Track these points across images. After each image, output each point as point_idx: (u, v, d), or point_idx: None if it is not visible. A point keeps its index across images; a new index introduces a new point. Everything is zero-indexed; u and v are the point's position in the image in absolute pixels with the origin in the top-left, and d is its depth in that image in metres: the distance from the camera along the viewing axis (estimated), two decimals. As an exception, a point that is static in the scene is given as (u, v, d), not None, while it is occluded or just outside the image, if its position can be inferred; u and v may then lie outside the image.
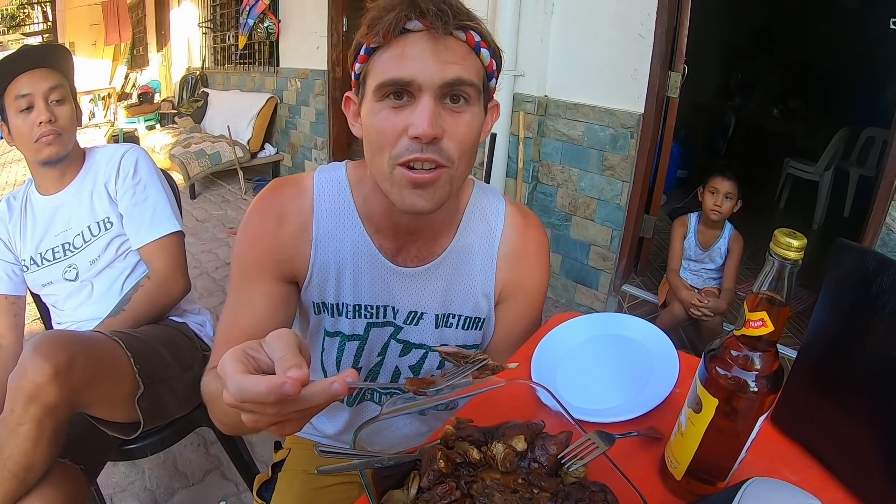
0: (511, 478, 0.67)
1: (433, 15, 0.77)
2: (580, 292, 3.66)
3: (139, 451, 1.52)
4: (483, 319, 1.09)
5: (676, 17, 2.97)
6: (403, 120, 0.80)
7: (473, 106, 0.84)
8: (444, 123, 0.80)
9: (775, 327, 0.60)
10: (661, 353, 0.97)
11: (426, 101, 0.79)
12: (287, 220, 0.97)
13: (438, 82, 0.79)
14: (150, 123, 8.34)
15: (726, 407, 0.64)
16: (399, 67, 0.78)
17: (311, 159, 6.02)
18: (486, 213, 1.05)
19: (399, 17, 0.77)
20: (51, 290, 1.64)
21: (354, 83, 0.88)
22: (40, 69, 1.52)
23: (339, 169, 1.02)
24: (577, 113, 3.36)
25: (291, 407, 0.54)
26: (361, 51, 0.83)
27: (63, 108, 1.56)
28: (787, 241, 0.57)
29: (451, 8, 0.78)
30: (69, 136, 1.59)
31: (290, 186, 1.00)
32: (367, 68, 0.83)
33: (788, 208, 5.39)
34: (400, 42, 0.79)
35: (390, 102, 0.81)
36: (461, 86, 0.80)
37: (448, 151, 0.82)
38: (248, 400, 0.52)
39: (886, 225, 2.41)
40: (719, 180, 2.77)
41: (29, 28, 10.63)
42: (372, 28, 0.79)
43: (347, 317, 1.02)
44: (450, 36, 0.79)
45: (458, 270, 1.04)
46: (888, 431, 0.67)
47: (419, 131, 0.78)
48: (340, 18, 5.23)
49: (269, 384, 0.51)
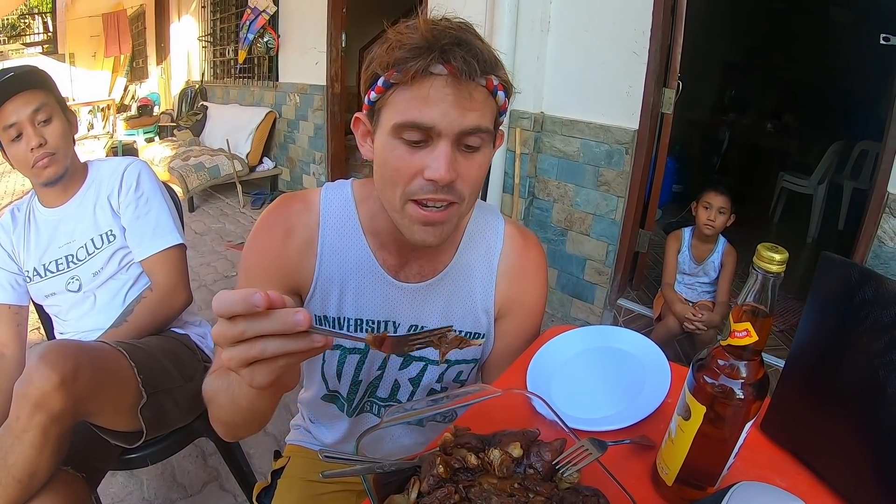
0: (508, 483, 0.69)
1: (461, 65, 0.77)
2: (576, 306, 3.68)
3: (140, 461, 1.54)
4: (482, 335, 1.11)
5: (670, 35, 3.00)
6: (419, 161, 0.81)
7: (486, 147, 0.86)
8: (458, 167, 0.82)
9: (759, 337, 0.63)
10: (653, 364, 1.00)
11: (444, 147, 0.80)
12: (294, 233, 1.00)
13: (458, 129, 0.80)
14: (149, 136, 8.34)
15: (714, 414, 0.67)
16: (420, 111, 0.79)
17: (309, 173, 6.05)
18: (485, 231, 1.08)
19: (427, 64, 0.77)
20: (54, 300, 1.65)
21: (367, 107, 0.88)
22: (21, 94, 1.50)
23: (345, 187, 1.05)
24: (573, 129, 3.39)
25: (257, 326, 0.56)
26: (379, 82, 0.82)
27: (52, 126, 1.55)
28: (769, 256, 0.60)
29: (478, 59, 0.78)
30: (64, 153, 1.58)
31: (298, 202, 1.03)
32: (385, 101, 0.83)
33: (783, 222, 5.41)
34: (422, 84, 0.79)
35: (407, 141, 0.81)
36: (478, 133, 0.82)
37: (460, 191, 0.84)
38: (222, 309, 0.55)
39: (878, 237, 2.44)
40: (712, 195, 2.81)
41: (29, 38, 10.66)
42: (395, 66, 0.79)
43: (349, 331, 1.04)
44: (472, 82, 0.79)
45: (459, 287, 1.06)
46: (873, 437, 0.69)
47: (436, 176, 0.80)
48: (339, 34, 5.26)
49: (243, 293, 0.55)
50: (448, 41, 0.77)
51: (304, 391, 1.24)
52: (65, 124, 1.60)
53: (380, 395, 1.14)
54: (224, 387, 0.79)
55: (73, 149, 1.64)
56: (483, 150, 0.85)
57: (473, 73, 0.78)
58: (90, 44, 9.88)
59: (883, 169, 2.42)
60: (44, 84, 1.56)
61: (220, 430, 0.88)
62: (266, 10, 5.98)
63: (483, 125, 0.82)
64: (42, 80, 1.56)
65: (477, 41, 0.81)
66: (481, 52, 0.80)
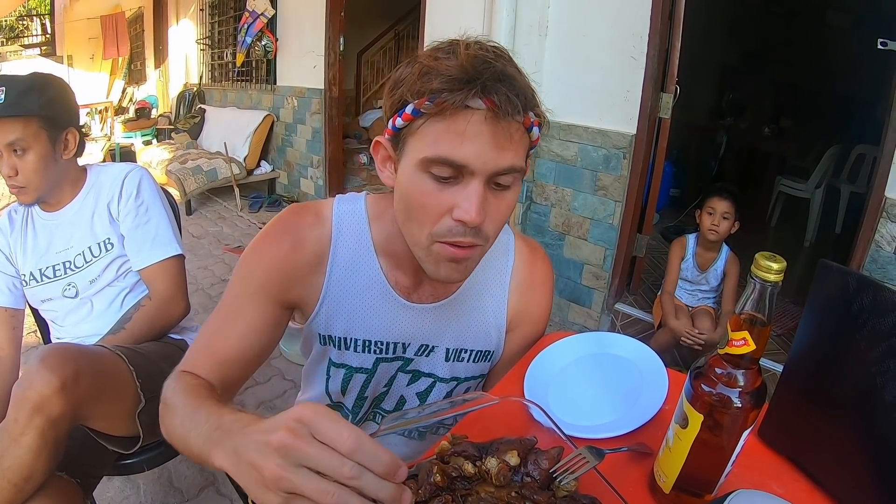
0: (505, 491, 0.69)
1: (503, 102, 0.72)
2: (574, 311, 3.68)
3: (136, 466, 1.53)
4: (492, 352, 1.10)
5: (668, 40, 3.02)
6: (449, 199, 0.77)
7: (516, 184, 0.81)
8: (488, 207, 0.78)
9: (757, 346, 0.63)
10: (650, 371, 0.99)
11: (476, 187, 0.76)
12: (303, 247, 0.96)
13: (492, 170, 0.75)
14: (147, 139, 8.35)
15: (711, 422, 0.66)
16: (454, 147, 0.73)
17: (306, 177, 6.05)
18: (497, 248, 1.05)
19: (465, 97, 0.71)
20: (50, 305, 1.65)
21: (390, 132, 0.81)
22: (2, 120, 1.44)
23: (359, 201, 1.01)
24: (571, 134, 3.40)
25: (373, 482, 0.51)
26: (407, 109, 0.75)
27: (27, 157, 1.49)
28: (767, 265, 0.60)
29: (519, 97, 0.74)
30: (35, 186, 1.54)
31: (308, 214, 0.99)
32: (413, 130, 0.77)
33: (781, 226, 5.42)
34: (458, 119, 0.73)
35: (436, 177, 0.76)
36: (511, 172, 0.78)
37: (486, 233, 0.81)
38: (362, 451, 0.50)
39: (876, 241, 2.45)
40: (716, 200, 2.81)
41: (28, 40, 10.64)
42: (428, 95, 0.73)
43: (356, 351, 1.02)
44: (511, 120, 0.74)
45: (472, 306, 1.05)
46: (871, 444, 0.70)
47: (467, 218, 0.76)
48: (337, 38, 5.27)
49: (393, 458, 0.51)
50: (490, 75, 0.72)
51: (302, 394, 1.22)
52: (44, 152, 1.52)
53: (385, 407, 1.12)
54: (187, 420, 0.74)
55: (52, 177, 1.57)
56: (513, 187, 0.81)
57: (515, 111, 0.73)
58: (88, 46, 9.85)
59: (880, 173, 2.43)
60: (30, 109, 1.47)
61: (168, 434, 0.81)
62: (264, 13, 5.99)
63: (517, 165, 0.77)
64: (30, 105, 1.47)
65: (518, 75, 0.77)
66: (522, 88, 0.75)
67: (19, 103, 1.45)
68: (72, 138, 1.60)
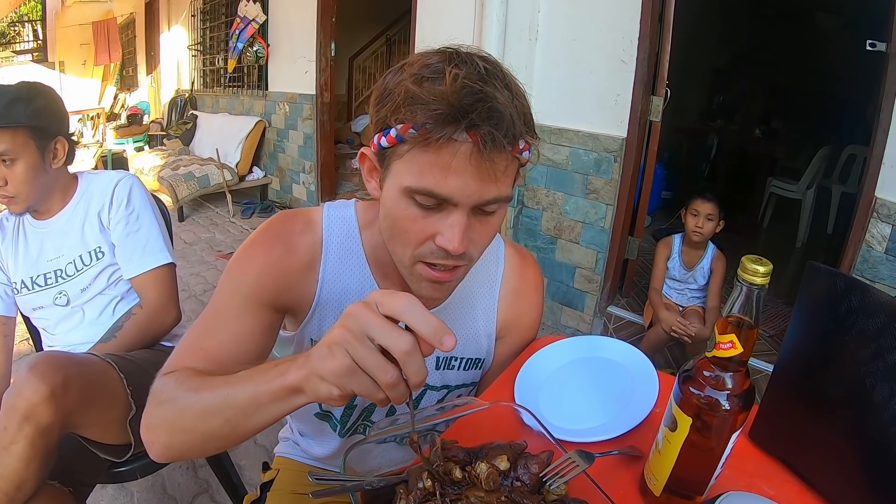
0: (495, 496, 0.69)
1: (488, 140, 0.68)
2: (566, 314, 3.69)
3: (129, 474, 1.52)
4: (483, 360, 1.11)
5: (658, 43, 3.03)
6: (432, 226, 0.76)
7: (502, 209, 0.80)
8: (472, 234, 0.77)
9: (744, 349, 0.63)
10: (641, 374, 1.00)
11: (458, 217, 0.75)
12: (295, 253, 0.95)
13: (476, 202, 0.74)
14: (139, 145, 8.30)
15: (700, 425, 0.67)
16: (438, 181, 0.72)
17: (298, 183, 6.04)
18: (487, 256, 1.05)
19: (451, 133, 0.69)
20: (42, 314, 1.64)
21: (375, 146, 0.79)
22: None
23: (349, 208, 1.01)
24: (562, 138, 3.41)
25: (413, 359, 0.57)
26: (392, 132, 0.73)
27: (15, 169, 1.49)
28: (753, 268, 0.60)
29: (509, 131, 0.70)
30: (25, 196, 1.54)
31: (299, 220, 0.98)
32: (397, 153, 0.75)
33: (772, 227, 5.45)
34: (442, 152, 0.70)
35: (420, 204, 0.75)
36: (496, 203, 0.76)
37: (471, 255, 0.81)
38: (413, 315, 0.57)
39: (866, 241, 2.46)
40: (700, 202, 2.84)
41: (19, 46, 10.60)
42: (412, 125, 0.71)
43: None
44: (498, 152, 0.71)
45: (462, 314, 1.05)
46: (860, 444, 0.70)
47: (450, 247, 0.75)
48: (329, 43, 5.27)
49: (441, 324, 0.57)
50: (478, 113, 0.68)
51: None
52: (33, 162, 1.52)
53: (374, 419, 1.11)
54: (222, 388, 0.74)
55: (41, 186, 1.56)
56: (499, 212, 0.80)
57: (500, 146, 0.69)
58: (80, 52, 9.81)
59: (870, 174, 2.44)
60: (18, 120, 1.46)
61: (161, 438, 0.82)
62: (255, 19, 5.98)
63: (503, 195, 0.76)
64: (18, 115, 1.46)
65: (510, 100, 0.71)
66: (512, 119, 0.70)
67: (6, 114, 1.45)
68: (61, 147, 1.59)
